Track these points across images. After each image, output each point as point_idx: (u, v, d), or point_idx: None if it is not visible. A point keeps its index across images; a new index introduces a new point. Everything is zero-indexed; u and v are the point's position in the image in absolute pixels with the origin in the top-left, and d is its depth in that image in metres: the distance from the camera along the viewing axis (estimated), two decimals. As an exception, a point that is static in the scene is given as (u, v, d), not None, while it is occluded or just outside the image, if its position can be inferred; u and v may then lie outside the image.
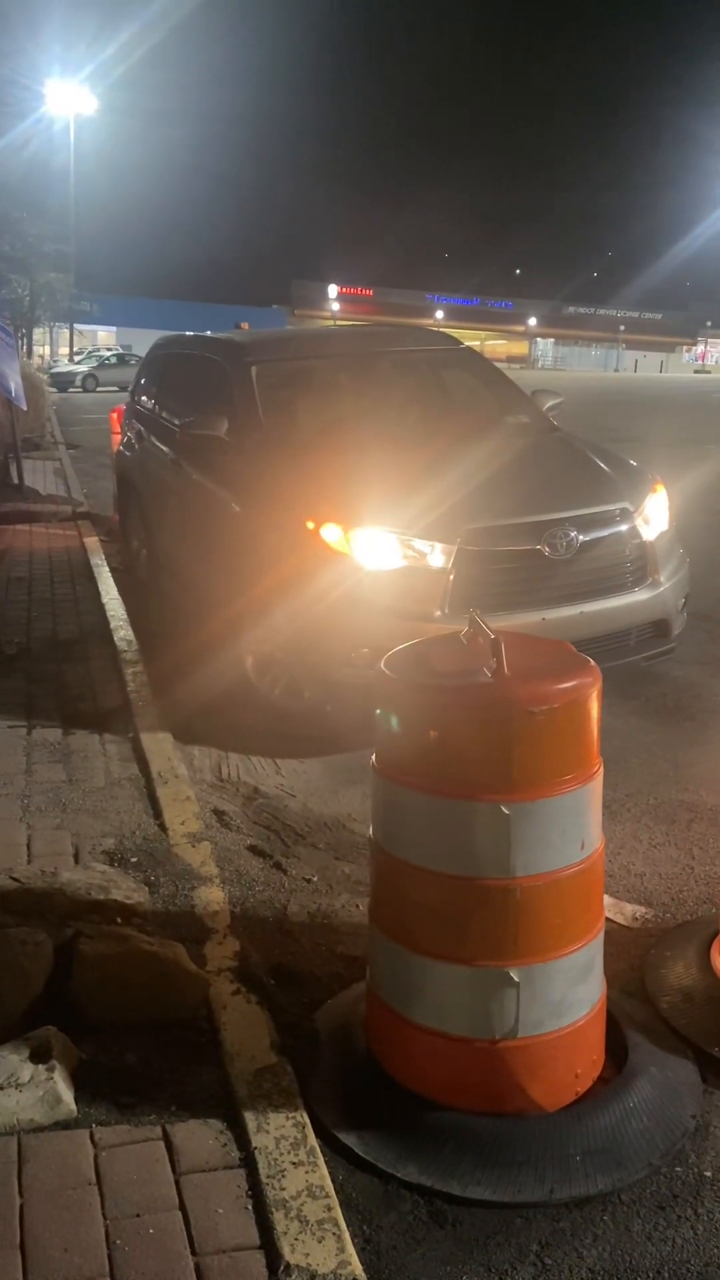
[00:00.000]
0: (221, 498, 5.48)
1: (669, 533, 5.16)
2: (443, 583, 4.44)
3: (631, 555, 4.85)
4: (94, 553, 8.54)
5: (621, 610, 4.76)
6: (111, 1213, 2.13)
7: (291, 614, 4.64)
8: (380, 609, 4.45)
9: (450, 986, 2.36)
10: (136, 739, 4.56)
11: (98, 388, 41.08)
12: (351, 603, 4.48)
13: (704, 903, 3.42)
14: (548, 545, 4.56)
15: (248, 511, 5.19)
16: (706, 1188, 2.30)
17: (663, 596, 4.90)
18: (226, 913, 3.26)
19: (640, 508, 4.93)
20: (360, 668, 4.38)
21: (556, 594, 4.61)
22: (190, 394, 6.59)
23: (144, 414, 7.57)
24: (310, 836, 3.90)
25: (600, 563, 4.75)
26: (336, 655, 4.49)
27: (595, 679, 2.34)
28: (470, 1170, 2.28)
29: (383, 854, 2.45)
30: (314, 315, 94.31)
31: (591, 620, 4.60)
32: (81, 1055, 2.56)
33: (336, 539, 4.57)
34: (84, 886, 3.20)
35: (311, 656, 4.62)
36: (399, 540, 4.50)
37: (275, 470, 5.15)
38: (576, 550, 4.63)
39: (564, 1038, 2.38)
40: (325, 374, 6.22)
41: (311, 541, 4.62)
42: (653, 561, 4.90)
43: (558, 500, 4.80)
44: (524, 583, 4.58)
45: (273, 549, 4.83)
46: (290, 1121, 2.37)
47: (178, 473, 6.29)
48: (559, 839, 2.30)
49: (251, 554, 5.01)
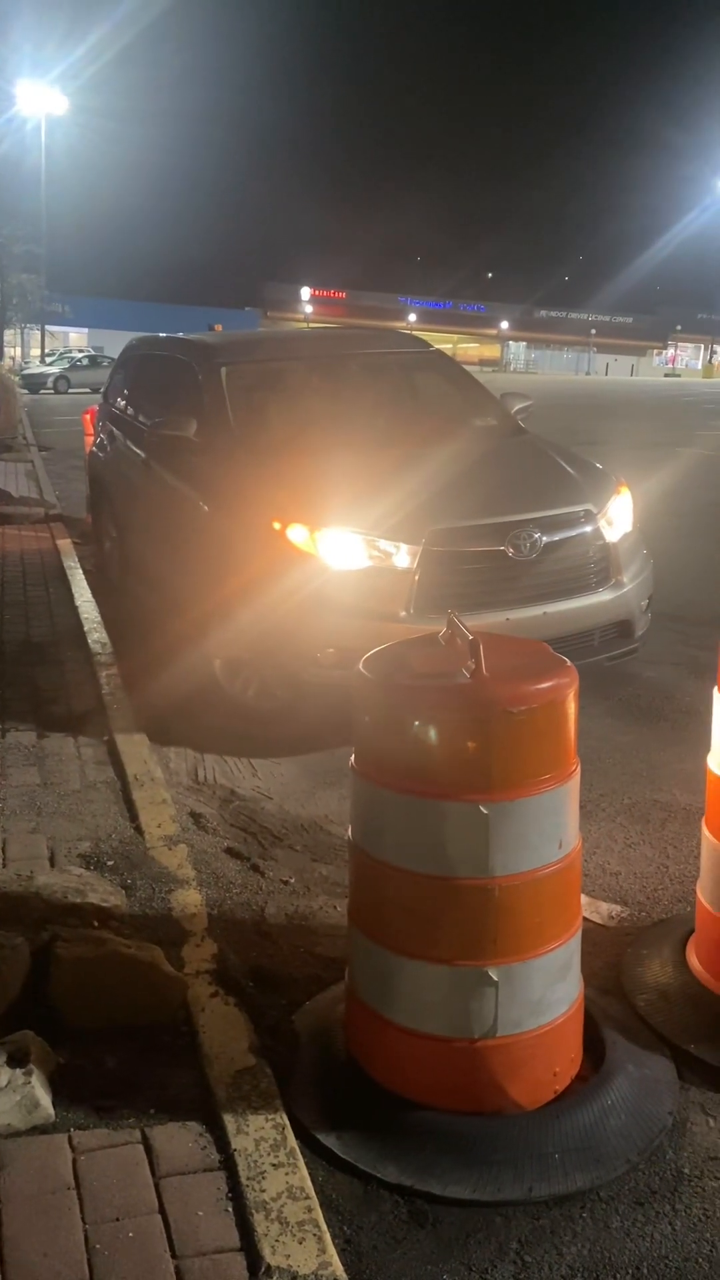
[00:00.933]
0: (190, 498, 5.49)
1: (633, 534, 5.21)
2: (408, 583, 4.48)
3: (595, 556, 4.90)
4: (67, 555, 8.49)
5: (585, 611, 4.82)
6: (91, 1217, 2.12)
7: (258, 614, 4.66)
8: (346, 609, 4.49)
9: (429, 986, 2.36)
10: (112, 742, 4.54)
11: (70, 389, 40.83)
12: (317, 603, 4.51)
13: (679, 901, 3.44)
14: (511, 546, 4.61)
15: (215, 512, 5.21)
16: (684, 1184, 2.31)
17: (626, 597, 4.96)
18: (204, 915, 3.25)
19: (604, 509, 4.98)
20: (326, 667, 4.43)
21: (520, 595, 4.66)
22: (161, 395, 6.60)
23: (116, 415, 7.57)
24: (287, 838, 3.90)
25: (564, 564, 4.80)
26: (303, 655, 4.51)
27: (573, 680, 2.36)
28: (450, 1169, 2.29)
29: (362, 854, 2.46)
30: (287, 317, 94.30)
31: (555, 621, 4.65)
32: (59, 1059, 2.55)
33: (302, 539, 4.60)
34: (60, 890, 3.18)
35: (278, 657, 4.64)
36: (364, 541, 4.54)
37: (243, 471, 5.17)
38: (540, 551, 4.68)
39: (543, 1036, 2.39)
40: (295, 376, 6.24)
41: (277, 542, 4.65)
42: (616, 563, 4.95)
43: (522, 502, 4.85)
44: (488, 583, 4.64)
45: (240, 549, 4.86)
46: (270, 1123, 2.37)
47: (148, 473, 6.31)
48: (537, 838, 2.31)
49: (219, 555, 5.03)
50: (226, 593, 4.82)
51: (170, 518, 5.81)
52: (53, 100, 48.32)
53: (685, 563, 8.88)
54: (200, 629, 5.02)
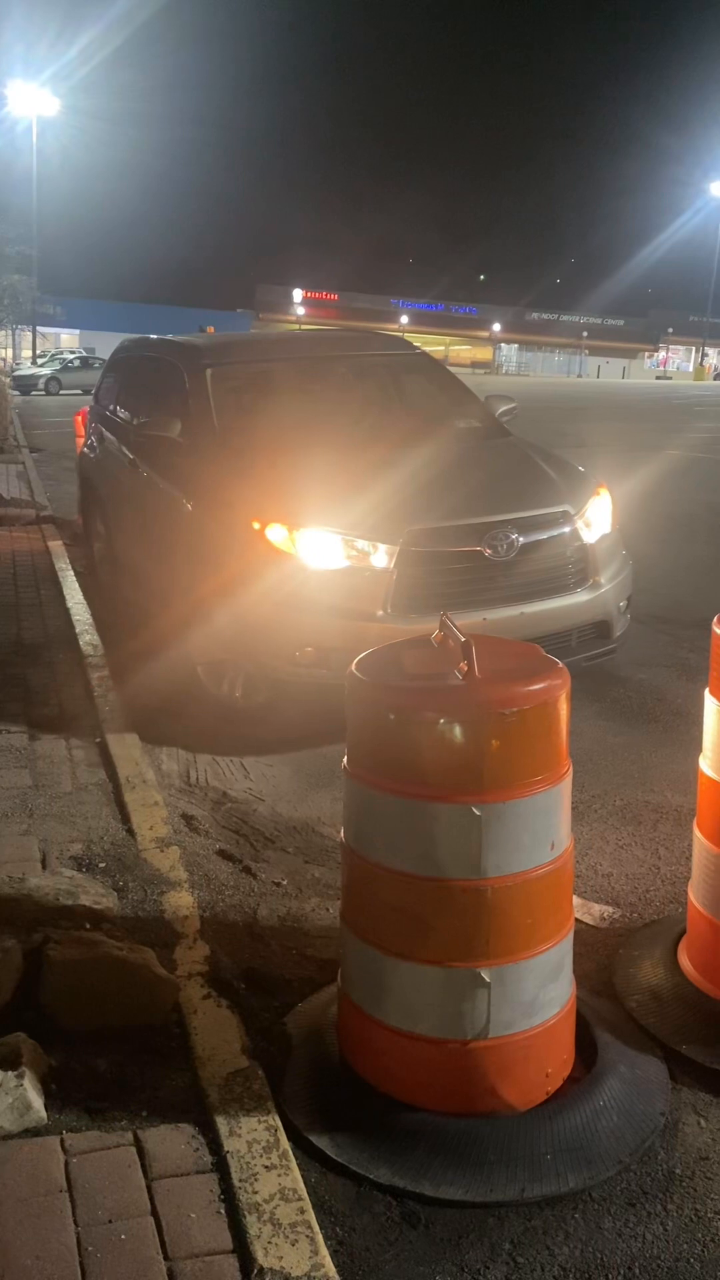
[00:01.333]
0: (174, 498, 5.53)
1: (611, 535, 5.24)
2: (385, 583, 4.51)
3: (573, 557, 4.94)
4: (58, 557, 8.48)
5: (562, 611, 4.85)
6: (83, 1219, 2.12)
7: (238, 613, 4.69)
8: (324, 608, 4.52)
9: (422, 987, 2.37)
10: (103, 744, 4.54)
11: (61, 391, 40.77)
12: (296, 602, 4.54)
13: (670, 902, 3.45)
14: (489, 547, 4.64)
15: (198, 512, 5.25)
16: (676, 1184, 2.32)
17: (604, 598, 4.99)
18: (196, 917, 3.25)
19: (582, 511, 5.02)
20: (305, 666, 4.48)
21: (498, 595, 4.68)
22: (149, 396, 6.65)
23: (106, 416, 7.61)
24: (279, 840, 3.90)
25: (541, 564, 4.83)
26: (281, 654, 4.54)
27: (565, 681, 2.36)
28: (443, 1171, 2.29)
29: (354, 856, 2.46)
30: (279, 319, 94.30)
31: (532, 621, 4.68)
32: (51, 1061, 2.55)
33: (281, 539, 4.63)
34: (52, 892, 3.18)
35: (257, 655, 4.66)
36: (343, 541, 4.58)
37: (225, 471, 5.21)
38: (517, 552, 4.71)
39: (535, 1037, 2.39)
40: (280, 377, 6.29)
41: (257, 542, 4.67)
42: (594, 563, 4.99)
43: (499, 503, 4.89)
44: (465, 583, 4.67)
45: (220, 549, 4.89)
46: (262, 1125, 2.37)
47: (135, 474, 6.35)
48: (530, 840, 2.32)
49: (201, 554, 5.06)
50: (208, 592, 4.86)
51: (156, 518, 5.85)
52: (44, 101, 48.28)
53: (676, 565, 8.91)
54: (183, 628, 5.06)
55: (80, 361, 43.41)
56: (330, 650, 4.45)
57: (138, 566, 6.31)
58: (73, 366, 42.85)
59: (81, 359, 44.20)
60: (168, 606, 5.41)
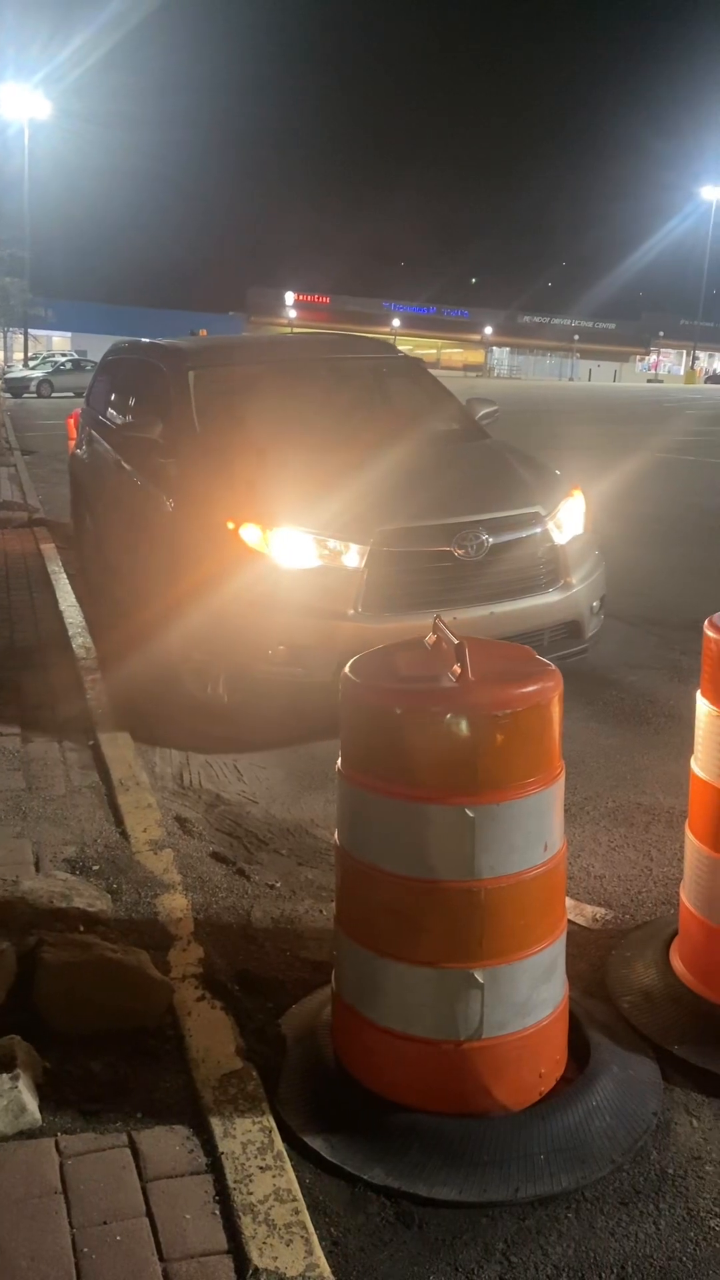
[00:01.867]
0: (156, 498, 5.59)
1: (584, 536, 5.28)
2: (357, 582, 4.57)
3: (544, 558, 4.98)
4: (50, 559, 8.47)
5: (532, 611, 4.89)
6: (78, 1221, 2.12)
7: (213, 612, 4.75)
8: (296, 607, 4.57)
9: (415, 988, 2.38)
10: (97, 746, 4.54)
11: (53, 393, 40.72)
12: (269, 601, 4.60)
13: (663, 903, 3.47)
14: (458, 547, 4.69)
15: (177, 512, 5.31)
16: (668, 1183, 2.33)
17: (575, 598, 5.03)
18: (190, 919, 3.25)
19: (554, 512, 5.07)
20: (278, 665, 4.53)
21: (468, 594, 4.73)
22: (135, 398, 6.75)
23: (95, 418, 7.71)
24: (273, 842, 3.90)
25: (511, 564, 4.87)
26: (255, 652, 4.59)
27: (557, 683, 2.37)
28: (437, 1171, 2.30)
29: (348, 858, 2.47)
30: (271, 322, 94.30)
31: (502, 620, 4.72)
32: (46, 1064, 2.55)
33: (255, 539, 4.68)
34: (46, 895, 3.18)
35: (232, 654, 4.71)
36: (315, 540, 4.63)
37: (203, 472, 5.28)
38: (487, 552, 4.77)
39: (528, 1038, 2.40)
40: (262, 380, 6.36)
41: (232, 541, 4.72)
42: (565, 564, 5.03)
43: (470, 504, 4.95)
44: (435, 583, 4.72)
45: (198, 549, 4.94)
46: (257, 1126, 2.38)
47: (120, 475, 6.43)
48: (523, 841, 2.33)
49: (180, 554, 5.12)
50: (186, 591, 4.92)
51: (139, 518, 5.92)
52: (36, 104, 48.24)
53: (667, 567, 8.94)
54: (164, 628, 5.11)
55: (72, 364, 43.35)
56: (303, 649, 4.53)
57: (123, 567, 6.37)
58: (65, 369, 42.79)
59: (73, 362, 44.14)
60: (150, 606, 5.47)
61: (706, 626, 2.74)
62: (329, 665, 4.45)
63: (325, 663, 4.44)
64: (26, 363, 49.97)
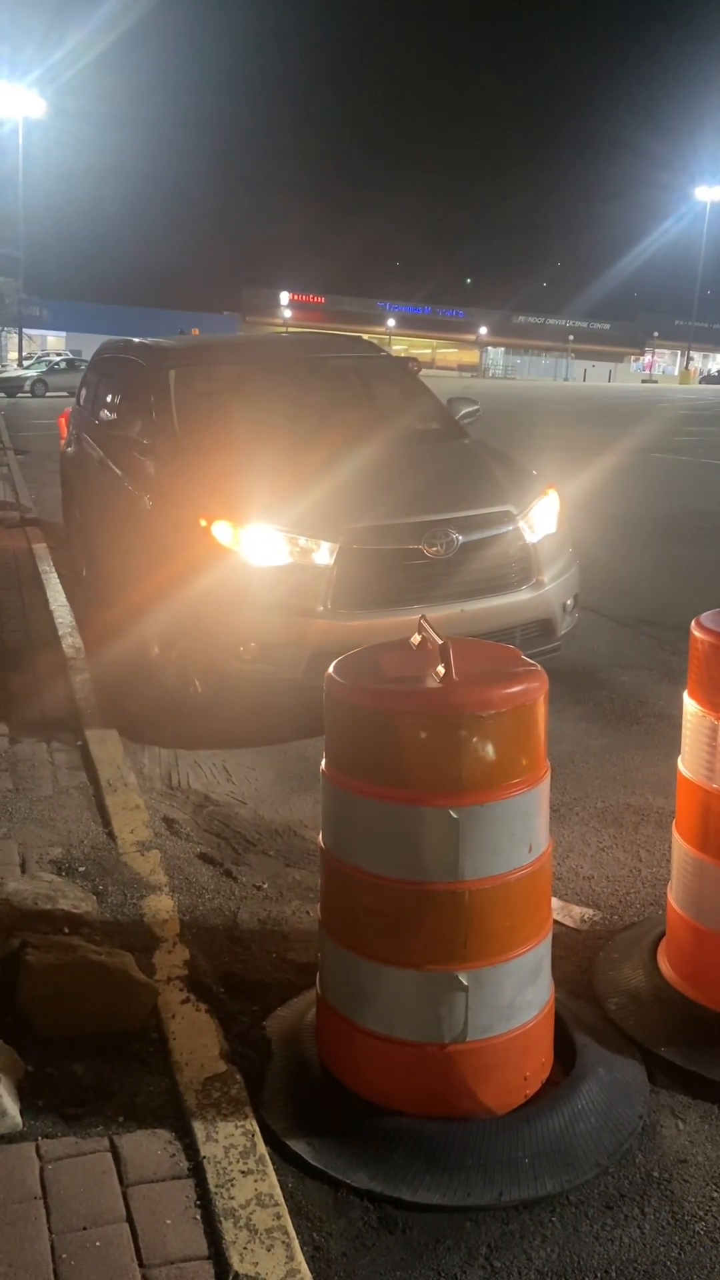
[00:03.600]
0: (136, 496, 5.63)
1: (557, 535, 5.29)
2: (326, 579, 4.60)
3: (515, 556, 5.00)
4: (42, 559, 8.44)
5: (503, 609, 4.92)
6: (57, 1226, 2.10)
7: (188, 609, 4.78)
8: (267, 604, 4.61)
9: (400, 991, 2.36)
10: (85, 747, 4.52)
11: (47, 393, 40.62)
12: (240, 597, 4.63)
13: (651, 905, 3.45)
14: (428, 545, 4.73)
15: (154, 509, 5.35)
16: (653, 1187, 2.32)
17: (546, 596, 5.05)
18: (176, 921, 3.23)
19: (526, 511, 5.08)
20: (248, 662, 4.57)
21: (439, 592, 4.76)
22: (119, 396, 6.83)
23: (83, 417, 7.80)
24: (261, 844, 3.89)
25: (483, 562, 4.89)
26: (227, 649, 4.62)
27: (542, 684, 2.36)
28: (420, 1175, 2.28)
29: (332, 859, 2.45)
30: (265, 322, 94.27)
31: (473, 618, 4.73)
32: (27, 1067, 2.53)
33: (227, 536, 4.70)
34: (31, 896, 3.16)
35: (205, 651, 4.73)
36: (285, 538, 4.66)
37: (180, 469, 5.33)
38: (458, 550, 4.79)
39: (513, 1041, 2.39)
40: (243, 379, 6.41)
41: (204, 539, 4.75)
42: (536, 562, 5.05)
43: (440, 502, 4.98)
44: (405, 580, 4.74)
45: (172, 545, 4.97)
46: (240, 1130, 2.36)
47: (105, 472, 6.48)
48: (507, 842, 2.31)
49: (156, 551, 5.16)
50: (162, 588, 4.95)
51: (121, 515, 5.97)
52: (30, 103, 48.14)
53: (659, 568, 8.94)
54: (142, 624, 5.15)
55: (66, 364, 43.28)
56: (273, 646, 4.57)
57: (108, 564, 6.42)
58: (59, 369, 42.72)
59: (68, 361, 44.09)
60: (131, 604, 5.50)
61: (694, 627, 2.73)
62: (298, 662, 4.53)
63: (295, 660, 4.51)
64: (21, 362, 49.87)
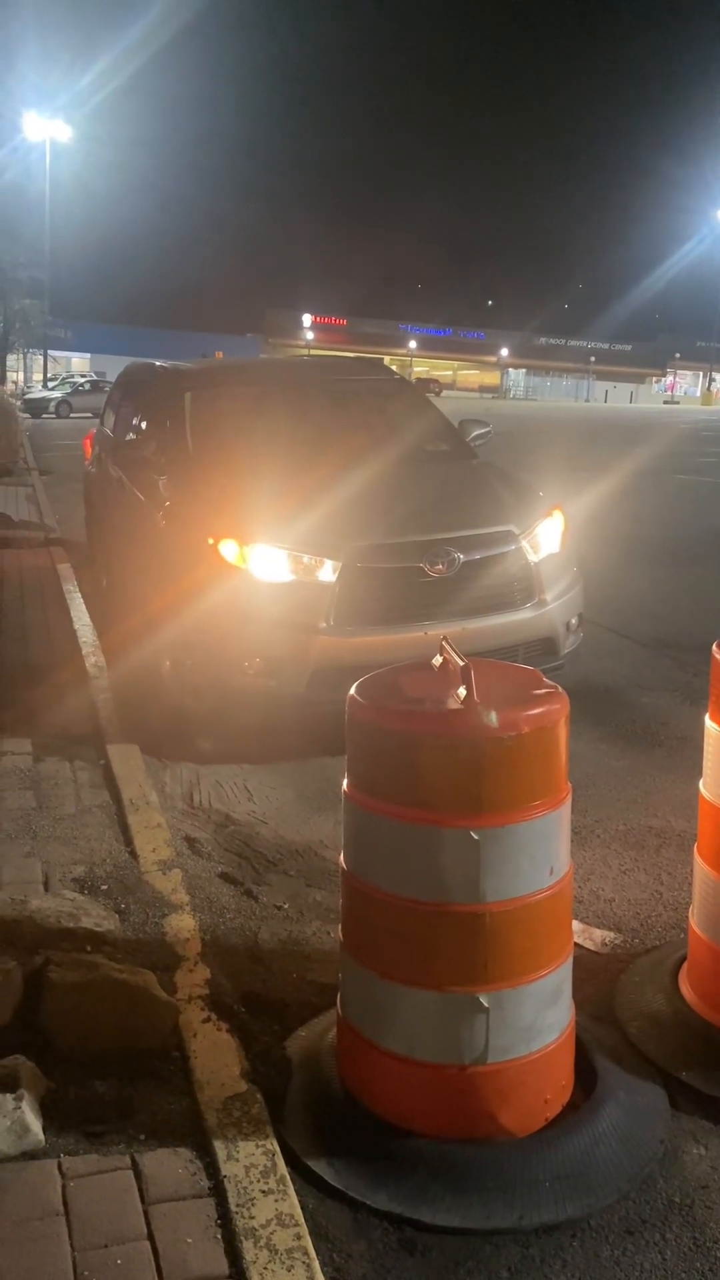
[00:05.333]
0: (151, 515, 5.75)
1: (560, 555, 5.33)
2: (329, 596, 4.69)
3: (517, 575, 5.05)
4: (65, 579, 8.52)
5: (505, 627, 4.97)
6: (79, 1243, 2.12)
7: (197, 626, 4.88)
8: (271, 620, 4.71)
9: (420, 1012, 2.37)
10: (108, 765, 4.55)
11: (71, 414, 41.08)
12: (245, 614, 4.73)
13: (672, 928, 3.44)
14: (430, 563, 4.81)
15: (167, 528, 5.47)
16: (674, 1213, 2.31)
17: (549, 615, 5.09)
18: (197, 940, 3.25)
19: (528, 530, 5.14)
20: (253, 677, 4.67)
21: (440, 610, 4.82)
22: (138, 417, 7.01)
23: (104, 437, 8.00)
24: (282, 863, 3.90)
25: (485, 581, 4.95)
26: (232, 664, 4.71)
27: (563, 705, 2.37)
28: (441, 1197, 2.28)
29: (353, 879, 2.46)
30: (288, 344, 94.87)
31: (475, 636, 4.76)
32: (50, 1084, 2.54)
33: (233, 554, 4.80)
34: (54, 914, 3.18)
35: (213, 666, 4.81)
36: (289, 556, 4.76)
37: (191, 489, 5.46)
38: (459, 569, 4.85)
39: (534, 1063, 2.39)
40: (257, 401, 6.53)
41: (212, 557, 4.85)
42: (539, 581, 5.09)
43: (442, 522, 5.07)
44: (406, 598, 4.82)
45: (183, 563, 5.08)
46: (260, 1149, 2.36)
47: (123, 491, 6.63)
48: (528, 865, 2.32)
49: (168, 569, 5.26)
50: (173, 605, 5.05)
51: (138, 534, 6.10)
52: (57, 128, 48.84)
53: (681, 589, 8.92)
54: (156, 641, 5.24)
55: (90, 385, 43.74)
56: (277, 661, 4.65)
57: (127, 582, 6.52)
58: (83, 390, 43.18)
59: (92, 382, 44.54)
60: (146, 621, 5.59)
61: (716, 649, 2.73)
62: (301, 677, 4.62)
63: (298, 675, 4.60)
64: (46, 383, 50.40)
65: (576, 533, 5.81)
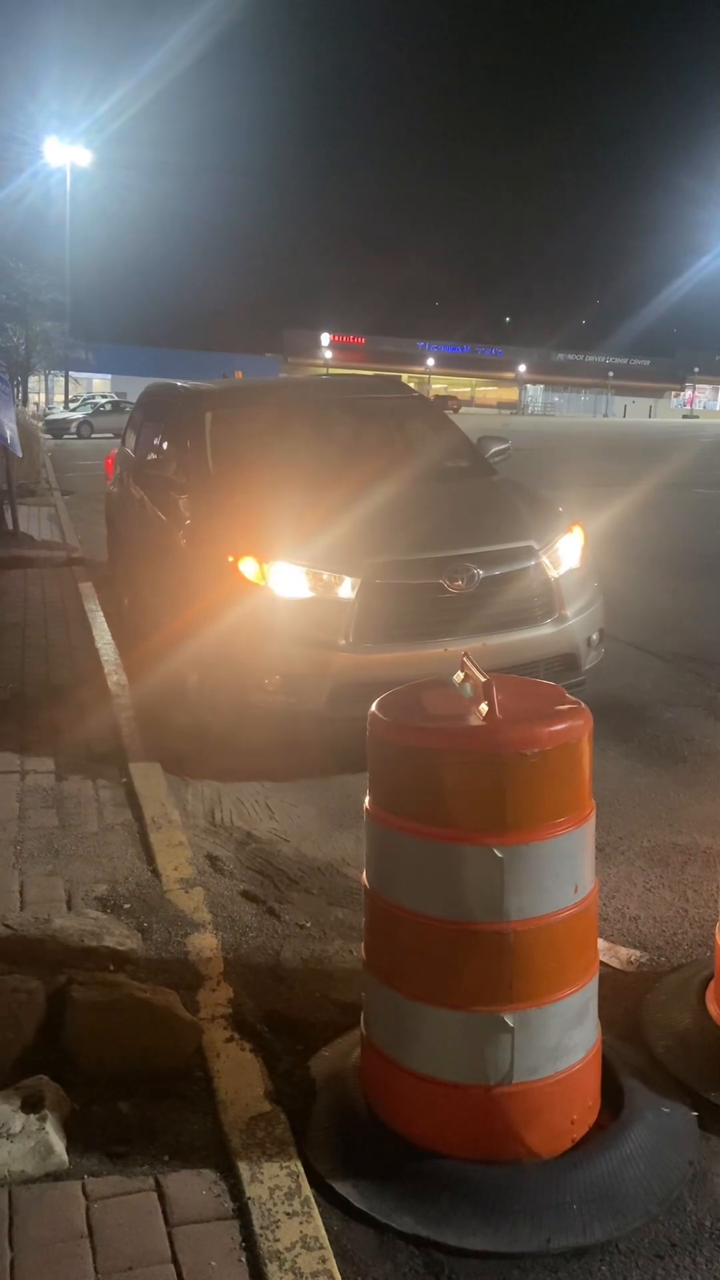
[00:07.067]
0: (173, 534, 5.78)
1: (580, 570, 5.33)
2: (348, 613, 4.71)
3: (538, 591, 5.04)
4: (87, 598, 8.57)
5: (525, 643, 4.96)
6: (103, 1266, 2.10)
7: (217, 643, 4.90)
8: (291, 637, 4.73)
9: (445, 1032, 2.35)
10: (130, 784, 4.56)
11: (92, 434, 41.37)
12: (265, 631, 4.76)
13: (699, 946, 3.40)
14: (449, 579, 4.81)
15: (188, 546, 5.51)
16: (705, 1236, 2.27)
17: (569, 631, 5.08)
18: (220, 959, 3.24)
19: (549, 546, 5.14)
20: (272, 694, 4.70)
21: (460, 626, 4.82)
22: (159, 437, 7.06)
23: (126, 457, 8.05)
24: (304, 882, 3.89)
25: (505, 597, 4.95)
26: (251, 681, 4.73)
27: (587, 721, 2.35)
28: (466, 1220, 2.26)
29: (376, 898, 2.45)
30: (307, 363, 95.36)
31: (496, 652, 4.75)
32: (74, 1104, 2.54)
33: (253, 572, 4.83)
34: (76, 933, 3.18)
35: (233, 683, 4.82)
36: (308, 573, 4.79)
37: (211, 508, 5.49)
38: (478, 585, 4.85)
39: (560, 1083, 2.36)
40: (276, 420, 6.57)
41: (231, 574, 4.88)
42: (559, 597, 5.08)
43: (461, 538, 5.07)
44: (425, 614, 4.83)
45: (203, 581, 5.12)
46: (284, 1171, 2.35)
47: (144, 511, 6.68)
48: (552, 882, 2.30)
49: (190, 587, 5.30)
50: (194, 623, 5.08)
51: (159, 552, 6.13)
52: (78, 153, 49.38)
53: (705, 604, 8.87)
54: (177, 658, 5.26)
55: (111, 406, 44.08)
56: (296, 678, 4.67)
57: (148, 601, 6.55)
58: (104, 410, 43.51)
59: (113, 403, 44.89)
60: (167, 639, 5.61)
61: (739, 664, 2.71)
62: (320, 694, 4.64)
63: (317, 691, 4.62)
64: (67, 404, 50.82)
65: (597, 548, 5.80)
